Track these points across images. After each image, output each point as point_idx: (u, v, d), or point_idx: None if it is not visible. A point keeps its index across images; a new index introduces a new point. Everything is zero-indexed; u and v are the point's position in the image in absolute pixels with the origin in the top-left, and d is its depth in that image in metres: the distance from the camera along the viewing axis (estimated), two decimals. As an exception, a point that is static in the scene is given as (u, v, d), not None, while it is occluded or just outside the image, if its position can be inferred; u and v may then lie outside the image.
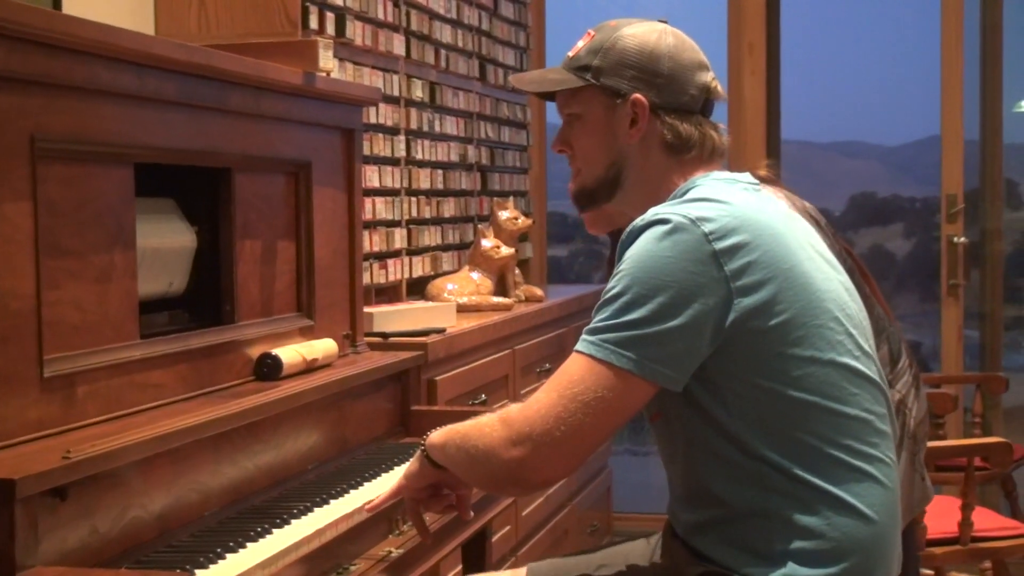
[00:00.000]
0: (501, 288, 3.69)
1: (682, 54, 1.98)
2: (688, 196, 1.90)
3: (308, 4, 2.97)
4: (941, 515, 3.37)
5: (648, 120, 1.96)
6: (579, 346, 1.80)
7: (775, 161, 5.10)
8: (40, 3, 2.60)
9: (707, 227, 1.80)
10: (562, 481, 1.78)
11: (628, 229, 1.87)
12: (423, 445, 1.94)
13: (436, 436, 1.92)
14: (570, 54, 2.04)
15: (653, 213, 1.84)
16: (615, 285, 1.80)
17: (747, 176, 2.01)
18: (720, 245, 1.79)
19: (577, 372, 1.78)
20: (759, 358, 1.82)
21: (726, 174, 1.99)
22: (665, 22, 2.03)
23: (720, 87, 2.02)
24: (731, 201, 1.87)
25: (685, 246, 1.79)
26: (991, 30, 4.97)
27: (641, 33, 1.98)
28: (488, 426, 1.84)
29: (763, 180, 2.07)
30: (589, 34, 2.02)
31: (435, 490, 2.00)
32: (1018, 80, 5.07)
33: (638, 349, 1.76)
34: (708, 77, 1.99)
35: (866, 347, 1.92)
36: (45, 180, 1.73)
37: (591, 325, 1.81)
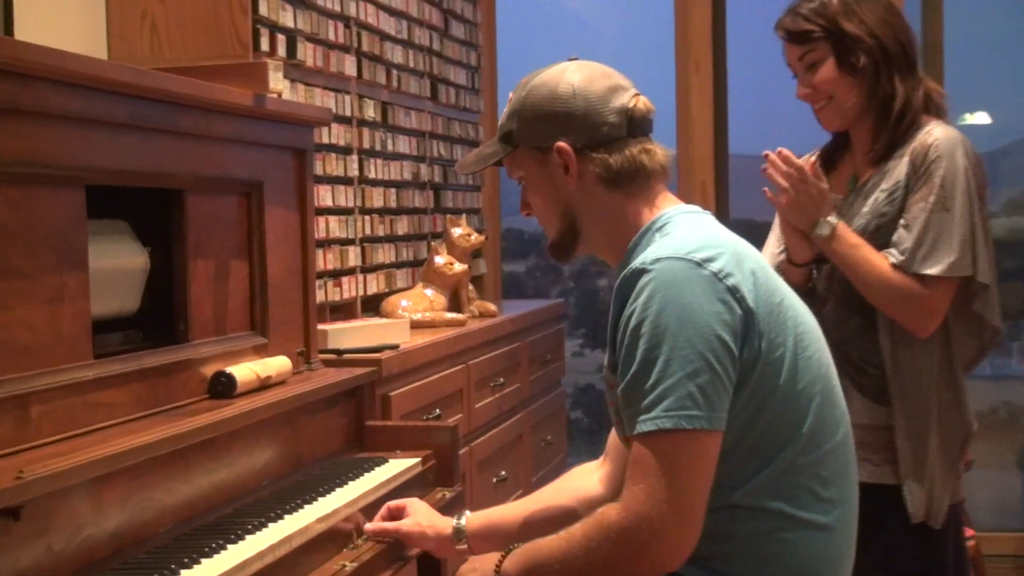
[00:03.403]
0: (455, 304, 3.70)
1: (590, 87, 1.98)
2: (674, 233, 1.92)
3: (259, 27, 2.97)
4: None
5: (577, 163, 1.97)
6: (642, 427, 1.78)
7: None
8: (-9, 29, 2.59)
9: (708, 262, 1.82)
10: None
11: (626, 272, 1.87)
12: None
13: (513, 569, 1.92)
14: (500, 121, 2.07)
15: (653, 256, 1.85)
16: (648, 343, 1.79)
17: (696, 207, 2.03)
18: (731, 282, 1.81)
19: (659, 453, 1.77)
20: (758, 392, 1.84)
21: (691, 207, 2.01)
22: (575, 59, 2.04)
23: (644, 101, 2.01)
24: (720, 238, 1.90)
25: (704, 288, 1.80)
26: (932, 47, 5.02)
27: (547, 81, 1.99)
28: (584, 551, 1.82)
29: None
30: (510, 97, 2.05)
31: None
32: (959, 96, 5.12)
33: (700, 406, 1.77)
34: (626, 98, 1.99)
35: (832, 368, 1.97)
36: (-5, 203, 1.73)
37: (643, 401, 1.78)
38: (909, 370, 2.42)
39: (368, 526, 2.22)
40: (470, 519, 2.20)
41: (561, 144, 1.97)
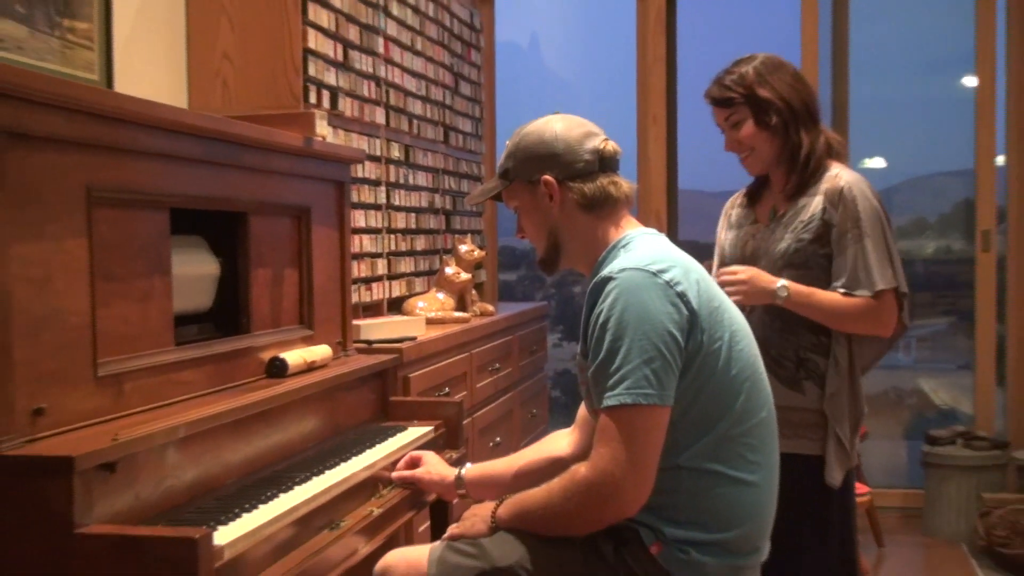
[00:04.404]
0: (461, 305, 3.70)
1: (570, 132, 1.98)
2: (635, 250, 1.91)
3: (308, 84, 2.98)
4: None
5: (559, 192, 1.98)
6: (608, 402, 1.78)
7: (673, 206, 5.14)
8: (98, 83, 2.59)
9: (663, 274, 1.82)
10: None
11: (596, 279, 1.87)
12: (493, 520, 1.94)
13: (505, 515, 1.93)
14: (499, 161, 2.08)
15: (619, 267, 1.85)
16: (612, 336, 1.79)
17: (653, 230, 2.03)
18: (677, 287, 1.82)
19: (620, 422, 1.77)
20: (700, 375, 1.84)
21: (649, 230, 2.01)
22: (558, 112, 2.04)
23: (612, 144, 2.01)
24: (655, 248, 1.91)
25: (658, 293, 1.80)
26: (839, 106, 5.03)
27: (536, 129, 2.01)
28: (560, 500, 1.83)
29: None
30: (507, 143, 2.06)
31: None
32: (861, 143, 5.14)
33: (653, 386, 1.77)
34: (597, 141, 1.99)
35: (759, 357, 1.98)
36: (98, 221, 1.73)
37: (609, 381, 1.78)
38: (843, 369, 2.42)
39: (393, 474, 2.28)
40: (469, 470, 2.24)
41: (547, 177, 1.97)
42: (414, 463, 2.31)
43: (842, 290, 2.38)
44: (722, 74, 2.50)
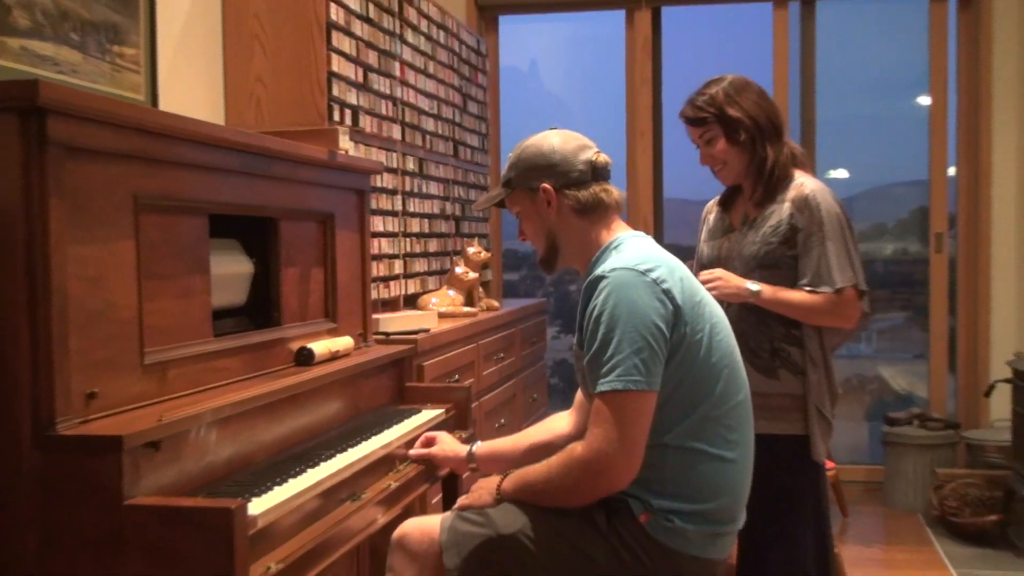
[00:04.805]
0: (469, 301, 3.69)
1: (566, 145, 1.98)
2: (625, 251, 1.91)
3: (332, 103, 2.98)
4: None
5: (556, 198, 1.97)
6: (601, 387, 1.78)
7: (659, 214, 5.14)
8: (144, 103, 2.59)
9: (651, 273, 1.82)
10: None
11: (590, 278, 1.87)
12: (498, 493, 1.94)
13: (509, 488, 1.93)
14: (502, 172, 2.08)
15: (610, 267, 1.84)
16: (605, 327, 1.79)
17: (641, 233, 2.02)
18: (664, 285, 1.81)
19: (612, 406, 1.77)
20: (684, 363, 1.83)
21: (637, 233, 2.00)
22: (555, 127, 2.04)
23: (603, 156, 2.00)
24: (643, 250, 1.90)
25: (646, 290, 1.80)
26: (807, 122, 5.02)
27: (535, 142, 2.00)
28: (559, 475, 1.83)
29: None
30: (509, 156, 2.05)
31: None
32: (827, 156, 5.13)
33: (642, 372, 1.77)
34: (590, 153, 1.99)
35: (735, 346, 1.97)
36: (144, 226, 1.73)
37: (602, 369, 1.77)
38: (818, 358, 2.41)
39: (411, 452, 2.28)
40: (479, 447, 2.23)
41: (545, 185, 1.97)
42: (430, 442, 2.31)
43: (807, 288, 2.37)
44: (695, 96, 2.49)
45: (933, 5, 4.83)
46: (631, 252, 1.90)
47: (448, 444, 2.29)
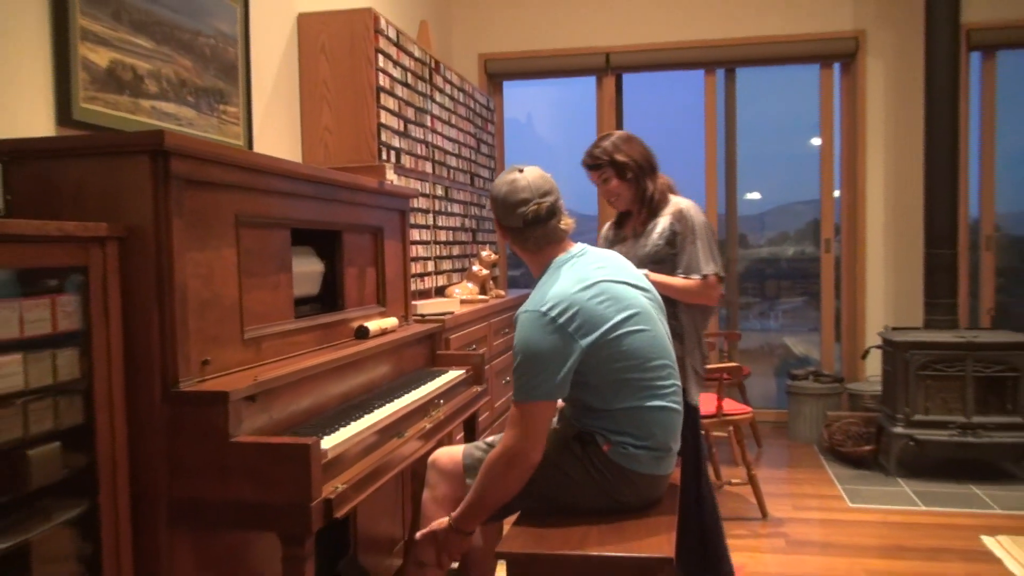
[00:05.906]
0: (483, 291, 3.68)
1: (508, 198, 1.84)
2: (549, 284, 1.79)
3: (381, 146, 2.96)
4: (707, 403, 3.40)
5: (505, 234, 1.90)
6: (513, 396, 1.73)
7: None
8: (242, 147, 2.59)
9: (551, 312, 1.73)
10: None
11: (518, 312, 1.79)
12: (453, 526, 1.78)
13: (457, 515, 1.78)
14: None
15: (524, 307, 1.76)
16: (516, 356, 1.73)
17: (579, 247, 1.88)
18: (561, 319, 1.73)
19: (520, 412, 1.73)
20: (599, 356, 1.76)
21: (577, 250, 1.87)
22: (521, 170, 1.87)
23: (543, 208, 1.83)
24: (562, 284, 1.78)
25: (544, 330, 1.72)
26: (730, 158, 5.00)
27: (495, 187, 1.88)
28: (487, 478, 1.75)
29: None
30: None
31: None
32: (744, 180, 5.10)
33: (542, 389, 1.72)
34: (528, 208, 1.83)
35: (659, 320, 1.88)
36: (243, 238, 1.73)
37: (515, 383, 1.73)
38: (691, 329, 2.41)
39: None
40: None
41: (498, 223, 1.91)
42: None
43: (682, 275, 2.37)
44: (592, 148, 2.45)
45: (823, 70, 4.82)
46: (553, 287, 1.77)
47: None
